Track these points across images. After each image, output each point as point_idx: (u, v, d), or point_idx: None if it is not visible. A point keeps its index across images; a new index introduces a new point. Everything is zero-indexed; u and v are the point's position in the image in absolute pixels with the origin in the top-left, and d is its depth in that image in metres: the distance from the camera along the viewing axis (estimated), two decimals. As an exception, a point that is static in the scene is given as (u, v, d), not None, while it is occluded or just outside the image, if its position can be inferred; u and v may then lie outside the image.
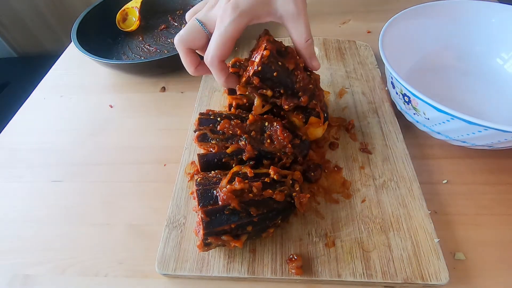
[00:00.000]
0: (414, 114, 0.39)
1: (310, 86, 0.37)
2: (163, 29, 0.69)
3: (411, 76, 0.48)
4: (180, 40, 0.35)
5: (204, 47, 0.35)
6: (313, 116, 0.38)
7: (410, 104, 0.39)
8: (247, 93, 0.37)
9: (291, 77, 0.35)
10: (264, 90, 0.35)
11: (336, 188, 0.38)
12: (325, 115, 0.40)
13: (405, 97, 0.39)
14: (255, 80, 0.34)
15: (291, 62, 0.35)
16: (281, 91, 0.35)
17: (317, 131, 0.40)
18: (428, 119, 0.37)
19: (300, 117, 0.38)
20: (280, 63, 0.34)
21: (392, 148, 0.42)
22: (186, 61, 0.36)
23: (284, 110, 0.37)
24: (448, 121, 0.34)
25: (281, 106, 0.37)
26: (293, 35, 0.35)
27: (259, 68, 0.33)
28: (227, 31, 0.32)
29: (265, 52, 0.33)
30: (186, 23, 0.36)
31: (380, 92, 0.49)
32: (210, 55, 0.33)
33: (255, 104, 0.38)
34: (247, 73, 0.35)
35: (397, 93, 0.41)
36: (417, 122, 0.40)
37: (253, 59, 0.35)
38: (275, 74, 0.34)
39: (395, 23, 0.45)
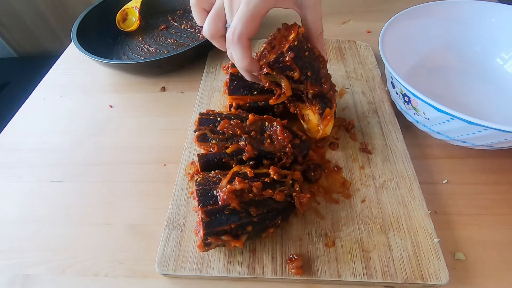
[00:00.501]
0: (414, 114, 0.39)
1: (330, 75, 0.37)
2: (163, 29, 0.69)
3: (411, 76, 0.48)
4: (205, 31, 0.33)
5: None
6: (328, 108, 0.38)
7: (410, 104, 0.39)
8: (274, 73, 0.35)
9: (317, 62, 0.36)
10: (291, 72, 0.34)
11: (336, 188, 0.38)
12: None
13: (405, 97, 0.39)
14: (290, 55, 0.33)
15: (316, 49, 0.36)
16: (309, 73, 0.35)
17: (329, 127, 0.39)
18: (428, 119, 0.37)
19: (317, 108, 0.38)
20: (309, 45, 0.35)
21: (392, 148, 0.42)
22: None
23: (302, 99, 0.37)
24: (448, 121, 0.34)
25: (299, 94, 0.37)
26: (310, 24, 0.35)
27: (296, 43, 0.33)
28: (257, 6, 0.30)
29: (300, 29, 0.33)
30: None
31: (380, 92, 0.49)
32: (238, 30, 0.30)
33: (284, 86, 0.36)
34: (277, 51, 0.34)
35: (397, 93, 0.41)
36: (417, 122, 0.40)
37: (284, 39, 0.35)
38: (306, 53, 0.34)
39: (395, 23, 0.45)
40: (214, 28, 0.33)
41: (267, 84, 0.36)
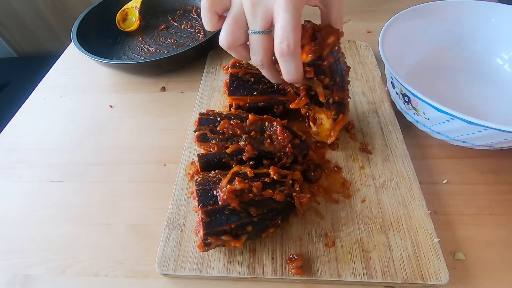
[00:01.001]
0: (414, 114, 0.39)
1: (349, 81, 0.37)
2: (163, 29, 0.69)
3: (411, 76, 0.48)
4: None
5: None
6: (342, 114, 0.38)
7: (410, 104, 0.39)
8: (315, 78, 0.33)
9: (345, 68, 0.35)
10: (322, 77, 0.33)
11: (336, 188, 0.38)
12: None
13: (405, 97, 0.39)
14: (330, 59, 0.31)
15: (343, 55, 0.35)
16: (337, 79, 0.34)
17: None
18: (428, 119, 0.37)
19: (333, 113, 0.37)
20: (342, 51, 0.33)
21: (392, 148, 0.42)
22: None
23: (320, 103, 0.37)
24: (448, 121, 0.34)
25: (317, 99, 0.36)
26: (333, 22, 0.33)
27: (336, 48, 0.32)
28: (297, 8, 0.27)
29: (341, 33, 0.32)
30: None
31: (380, 92, 0.49)
32: (292, 41, 0.28)
33: (319, 91, 0.34)
34: (314, 53, 0.31)
35: (397, 93, 0.41)
36: (417, 122, 0.40)
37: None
38: (340, 59, 0.33)
39: (395, 23, 0.45)
40: (233, 37, 0.31)
41: (303, 88, 0.35)
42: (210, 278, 0.33)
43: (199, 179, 0.33)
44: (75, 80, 0.61)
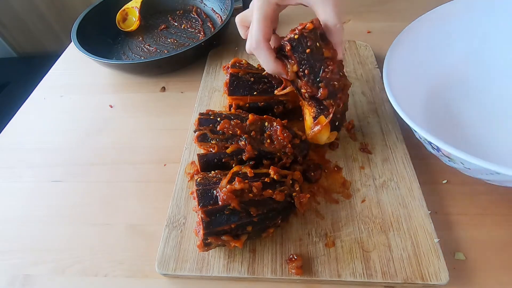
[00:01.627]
0: (431, 148, 0.36)
1: (335, 83, 0.36)
2: (163, 29, 0.69)
3: (431, 95, 0.43)
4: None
5: None
6: (324, 116, 0.37)
7: (436, 150, 0.35)
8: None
9: (322, 63, 0.35)
10: (291, 62, 0.35)
11: (336, 188, 0.38)
12: (337, 123, 0.38)
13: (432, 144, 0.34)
14: (287, 47, 0.34)
15: (329, 50, 0.35)
16: (306, 71, 0.35)
17: (320, 136, 0.38)
18: (450, 160, 0.33)
19: (312, 110, 0.38)
20: (318, 44, 0.34)
21: (392, 148, 0.42)
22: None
23: (302, 95, 0.38)
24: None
25: (299, 89, 0.37)
26: (322, 18, 0.34)
27: (296, 36, 0.34)
28: (262, 9, 0.34)
29: (308, 25, 0.33)
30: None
31: (380, 92, 0.49)
32: (254, 38, 0.34)
33: (290, 69, 0.36)
34: (284, 39, 0.35)
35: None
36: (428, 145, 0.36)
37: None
38: (308, 50, 0.34)
39: (397, 47, 0.41)
40: (250, 45, 0.38)
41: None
42: (210, 278, 0.33)
43: (199, 179, 0.33)
44: (75, 80, 0.61)
